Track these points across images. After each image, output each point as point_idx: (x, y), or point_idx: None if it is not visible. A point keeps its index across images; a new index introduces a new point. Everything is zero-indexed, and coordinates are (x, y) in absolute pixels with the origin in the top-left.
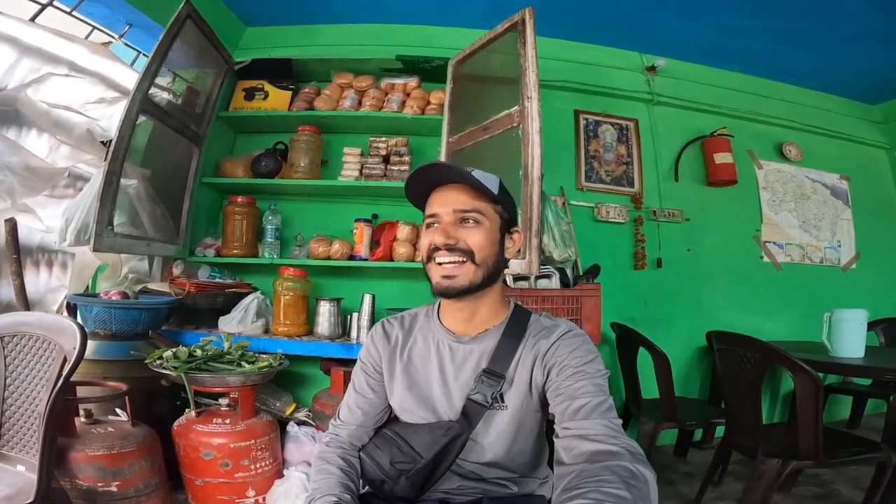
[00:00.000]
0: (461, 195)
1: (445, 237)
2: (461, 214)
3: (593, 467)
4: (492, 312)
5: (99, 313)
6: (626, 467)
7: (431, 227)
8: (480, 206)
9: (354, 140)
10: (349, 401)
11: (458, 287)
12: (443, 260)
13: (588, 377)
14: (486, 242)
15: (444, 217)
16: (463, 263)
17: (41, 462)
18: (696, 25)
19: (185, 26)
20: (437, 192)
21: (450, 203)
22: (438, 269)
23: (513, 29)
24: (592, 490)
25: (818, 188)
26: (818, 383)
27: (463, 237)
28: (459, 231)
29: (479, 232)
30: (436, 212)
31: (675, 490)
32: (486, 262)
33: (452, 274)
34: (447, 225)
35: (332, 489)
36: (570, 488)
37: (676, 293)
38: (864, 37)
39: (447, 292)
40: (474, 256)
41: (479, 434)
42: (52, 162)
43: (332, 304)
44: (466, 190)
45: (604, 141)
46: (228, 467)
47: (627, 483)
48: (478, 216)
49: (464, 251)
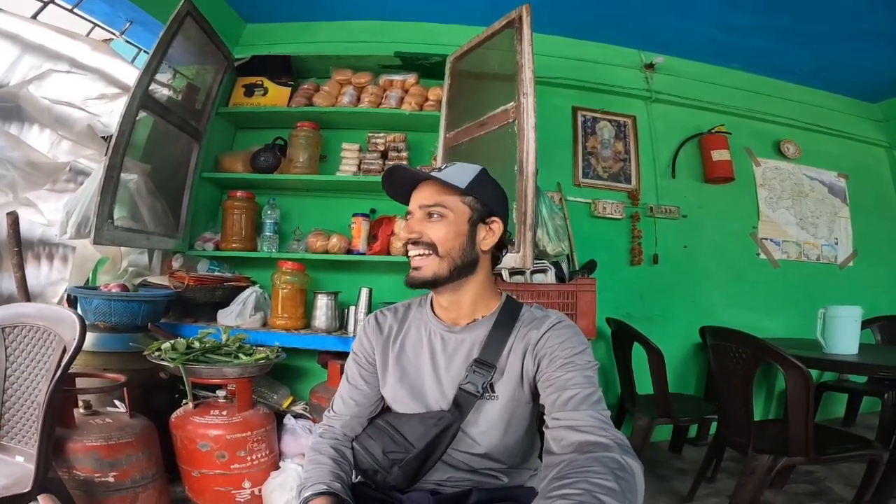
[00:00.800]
0: (427, 191)
1: (409, 231)
2: (426, 209)
3: (582, 458)
4: (481, 303)
5: (99, 306)
6: (615, 458)
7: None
8: (444, 200)
9: (353, 136)
10: (342, 392)
11: (422, 278)
12: (412, 253)
13: (578, 368)
14: (449, 235)
15: (414, 213)
16: (427, 256)
17: (39, 452)
18: (697, 23)
19: (186, 23)
20: (414, 192)
21: (417, 200)
22: (411, 261)
23: (510, 26)
24: (581, 480)
25: (816, 186)
26: (808, 379)
27: (426, 231)
28: (425, 225)
29: (440, 225)
30: (409, 209)
31: (669, 486)
32: (450, 255)
33: (419, 265)
34: (414, 221)
35: (323, 478)
36: (558, 478)
37: (672, 289)
38: (866, 35)
39: (412, 282)
40: (437, 249)
41: (470, 424)
42: (53, 157)
43: (329, 297)
44: (432, 185)
45: (601, 137)
46: (225, 459)
47: (615, 474)
48: (441, 209)
49: (427, 244)
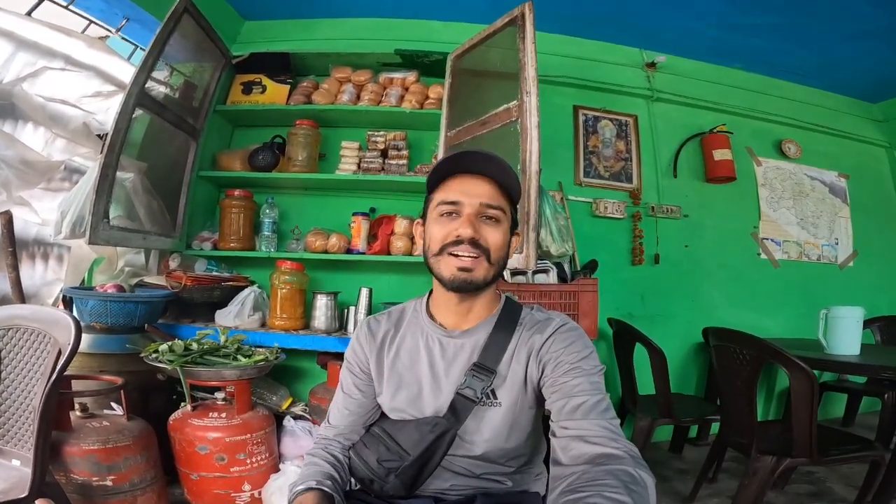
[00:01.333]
0: (488, 188)
1: (474, 230)
2: (486, 210)
3: (594, 470)
4: (485, 306)
5: (95, 306)
6: (628, 472)
7: (450, 215)
8: (503, 204)
9: (352, 134)
10: (338, 403)
11: (475, 281)
12: (462, 253)
13: (585, 374)
14: (503, 243)
15: (467, 208)
16: (478, 258)
17: (36, 456)
18: (699, 22)
19: (183, 20)
20: (460, 179)
21: (476, 194)
22: (454, 260)
23: (512, 24)
24: (594, 494)
25: (817, 186)
26: (813, 380)
27: (484, 234)
28: (481, 226)
29: (499, 231)
30: (458, 200)
31: (671, 487)
32: (498, 263)
33: (470, 266)
34: (472, 217)
35: (313, 476)
36: (570, 490)
37: (674, 289)
38: (867, 35)
39: (465, 286)
40: (490, 256)
41: (472, 431)
42: (47, 155)
43: (328, 297)
44: (493, 183)
45: (603, 136)
46: (224, 461)
47: (629, 488)
48: (500, 214)
49: (483, 248)
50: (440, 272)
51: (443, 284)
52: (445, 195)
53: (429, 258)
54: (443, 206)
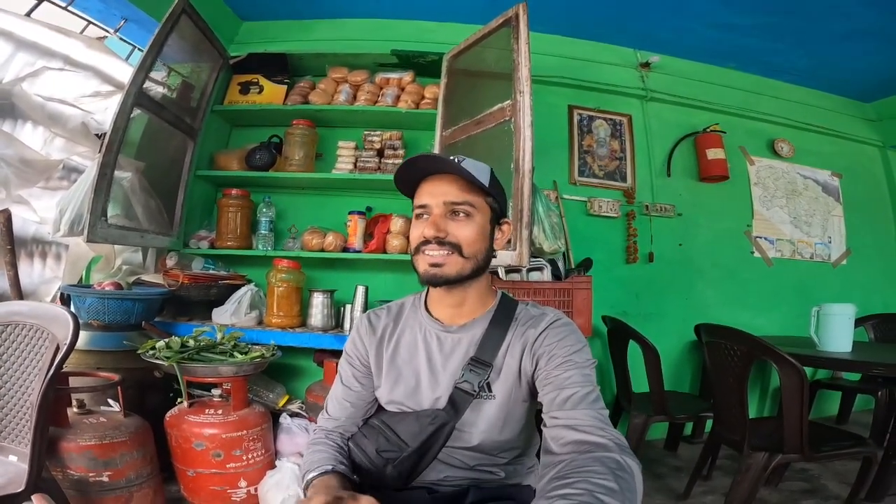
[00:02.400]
0: (452, 186)
1: (436, 230)
2: (452, 207)
3: (582, 458)
4: (480, 301)
5: (92, 304)
6: (614, 458)
7: (421, 217)
8: (471, 199)
9: (349, 134)
10: (336, 394)
11: (445, 276)
12: (431, 253)
13: (576, 367)
14: (476, 236)
15: (434, 209)
16: (450, 255)
17: (32, 452)
18: (692, 22)
19: (181, 21)
20: (428, 182)
21: (440, 194)
22: (426, 257)
23: (507, 24)
24: (581, 480)
25: (810, 184)
26: (803, 376)
27: (453, 230)
28: (450, 224)
29: (469, 225)
30: (426, 202)
31: (665, 484)
32: (475, 256)
33: (440, 262)
34: (437, 217)
35: (327, 461)
36: (558, 477)
37: (668, 287)
38: (859, 35)
39: (435, 280)
40: (462, 250)
41: (467, 423)
42: (46, 154)
43: (325, 295)
44: (457, 181)
45: (597, 136)
46: (220, 458)
47: (615, 474)
48: (469, 209)
49: (452, 245)
50: (417, 269)
51: (419, 280)
52: (418, 199)
53: (412, 258)
54: (417, 209)
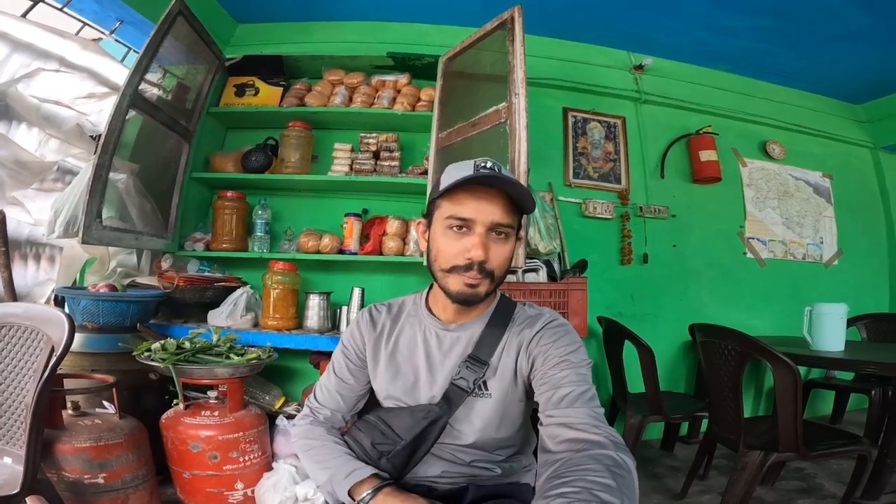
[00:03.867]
0: (497, 206)
1: (485, 254)
2: (496, 228)
3: (578, 456)
4: (482, 303)
5: (87, 306)
6: (610, 456)
7: (460, 231)
8: (513, 220)
9: (345, 136)
10: (327, 384)
11: (479, 296)
12: (468, 272)
13: (572, 366)
14: (508, 259)
15: (478, 227)
16: (484, 278)
17: (27, 453)
18: (685, 24)
19: (176, 23)
20: (472, 193)
21: (488, 212)
22: (463, 278)
23: (502, 27)
24: (578, 478)
25: (801, 186)
26: (796, 375)
27: (491, 254)
28: (490, 247)
29: (505, 248)
30: (471, 217)
31: (662, 483)
32: (501, 277)
33: (475, 283)
34: (483, 238)
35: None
36: (555, 476)
37: (662, 288)
38: (850, 37)
39: (469, 300)
40: (494, 275)
41: (463, 420)
42: (41, 156)
43: (321, 297)
44: (503, 199)
45: (592, 138)
46: (217, 460)
47: (612, 471)
48: (509, 231)
49: (489, 272)
50: (447, 286)
51: (447, 296)
52: (457, 209)
53: (435, 270)
54: (453, 220)
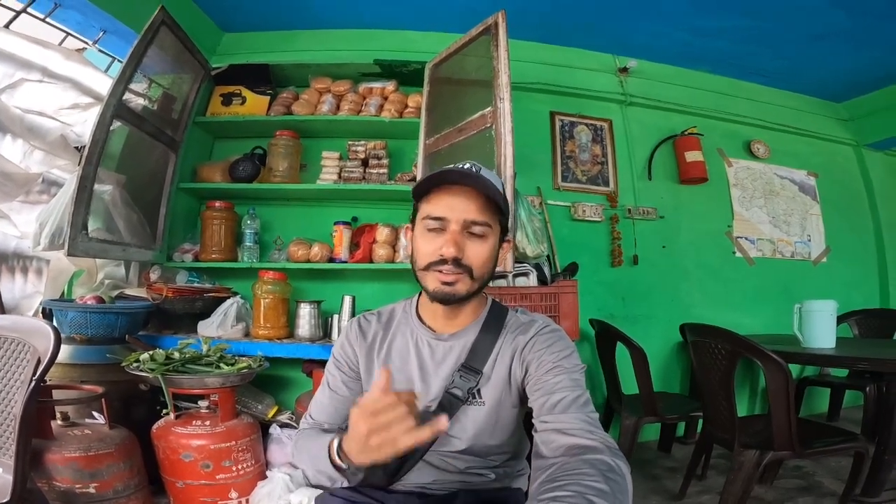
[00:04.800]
0: (472, 203)
1: (457, 250)
2: (471, 226)
3: (573, 461)
4: (471, 310)
5: (74, 318)
6: (605, 461)
7: (435, 231)
8: (489, 218)
9: (333, 144)
10: (322, 398)
11: (457, 294)
12: (444, 268)
13: (566, 372)
14: (488, 258)
15: (452, 225)
16: (461, 275)
17: (16, 463)
18: (667, 26)
19: (160, 32)
20: (446, 192)
21: (461, 210)
22: (439, 275)
23: (486, 32)
24: (572, 483)
25: (786, 184)
26: (787, 372)
27: (468, 252)
28: (466, 243)
29: (484, 246)
30: (444, 216)
31: (660, 485)
32: (483, 277)
33: (452, 280)
34: (458, 236)
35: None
36: (549, 480)
37: (653, 289)
38: (828, 36)
39: (447, 299)
40: (473, 273)
41: (456, 429)
42: (25, 167)
43: (312, 306)
44: (477, 196)
45: (579, 141)
46: (209, 469)
47: (606, 476)
48: (486, 230)
49: (465, 266)
50: (425, 285)
51: (427, 294)
52: (431, 209)
53: (416, 270)
54: (429, 221)
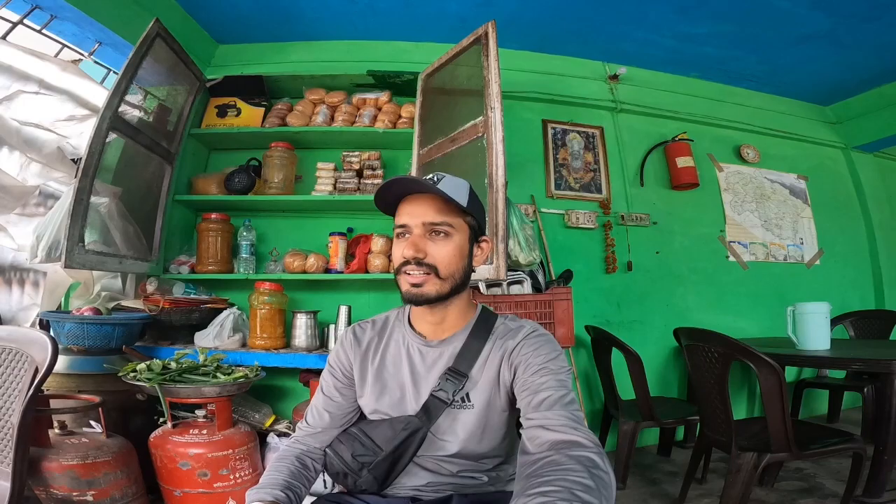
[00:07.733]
0: (429, 207)
1: (415, 251)
2: (431, 227)
3: (557, 456)
4: (460, 316)
5: (71, 329)
6: (589, 457)
7: (402, 237)
8: (449, 219)
9: (327, 155)
10: (317, 404)
11: (426, 295)
12: (412, 272)
13: (551, 373)
14: (454, 256)
15: (413, 229)
16: (428, 275)
17: (14, 471)
18: (654, 34)
19: (155, 44)
20: (407, 202)
21: (419, 215)
22: (407, 277)
23: (477, 42)
24: (559, 478)
25: (777, 188)
26: (779, 374)
27: (431, 251)
28: (429, 244)
29: (447, 246)
30: (405, 223)
31: (660, 489)
32: (452, 276)
33: (419, 282)
34: (416, 238)
35: (272, 485)
36: (535, 475)
37: (648, 295)
38: (811, 38)
39: (416, 300)
40: (438, 272)
41: (446, 432)
42: (22, 180)
43: (308, 316)
44: (435, 201)
45: (571, 149)
46: (207, 477)
47: (591, 472)
48: (447, 229)
49: (429, 266)
50: (400, 287)
51: (402, 298)
52: (398, 218)
53: (395, 276)
54: (397, 229)
